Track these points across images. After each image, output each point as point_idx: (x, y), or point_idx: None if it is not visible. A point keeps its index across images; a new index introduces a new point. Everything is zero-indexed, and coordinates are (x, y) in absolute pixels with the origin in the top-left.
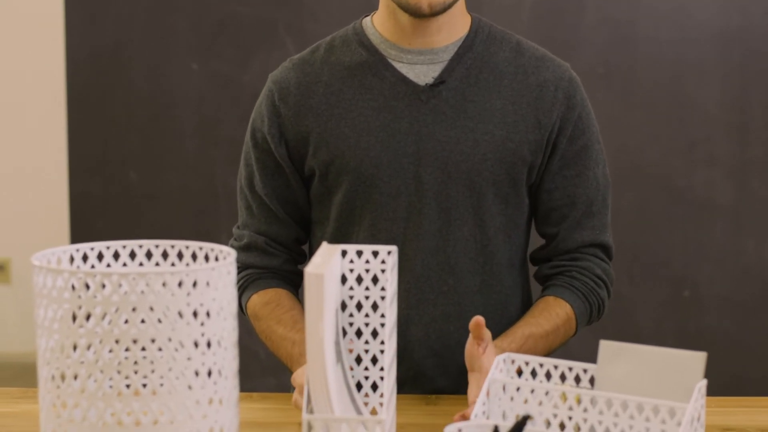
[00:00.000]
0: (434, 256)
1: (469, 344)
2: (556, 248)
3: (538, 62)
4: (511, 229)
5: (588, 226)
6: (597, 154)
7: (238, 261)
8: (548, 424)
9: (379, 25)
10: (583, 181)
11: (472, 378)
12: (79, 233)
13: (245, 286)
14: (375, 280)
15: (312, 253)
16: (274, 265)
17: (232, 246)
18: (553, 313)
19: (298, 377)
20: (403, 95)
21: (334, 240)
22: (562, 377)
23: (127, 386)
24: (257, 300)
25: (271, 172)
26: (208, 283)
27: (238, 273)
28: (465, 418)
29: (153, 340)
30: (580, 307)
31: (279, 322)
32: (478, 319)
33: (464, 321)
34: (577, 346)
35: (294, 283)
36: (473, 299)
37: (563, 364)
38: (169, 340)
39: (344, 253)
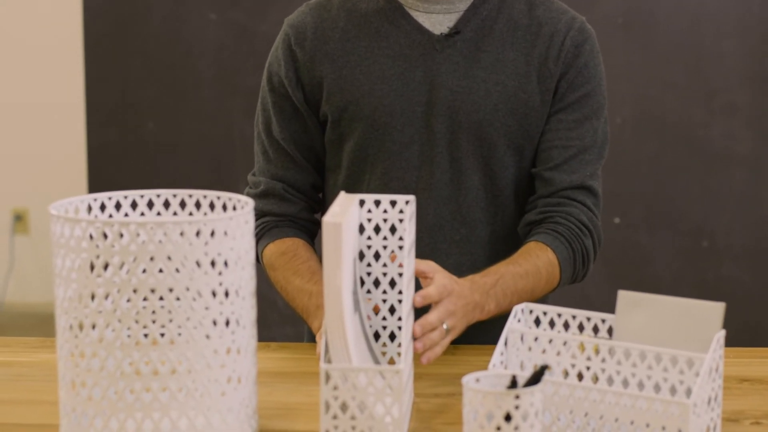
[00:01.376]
0: (446, 205)
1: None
2: (543, 189)
3: (552, 15)
4: (521, 180)
5: (578, 169)
6: (599, 107)
7: (254, 208)
8: (566, 374)
9: None
10: (578, 127)
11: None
12: (97, 183)
13: (261, 235)
14: (393, 229)
15: (326, 201)
16: (292, 213)
17: (248, 194)
18: (533, 254)
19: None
20: (419, 44)
21: (346, 188)
22: (580, 327)
23: (145, 336)
24: (273, 249)
25: (288, 116)
26: (225, 233)
27: (255, 221)
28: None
29: (171, 290)
30: (563, 252)
31: (296, 272)
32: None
33: (476, 271)
34: (595, 295)
35: (310, 232)
36: (485, 249)
37: (581, 314)
38: (187, 289)
39: (362, 202)
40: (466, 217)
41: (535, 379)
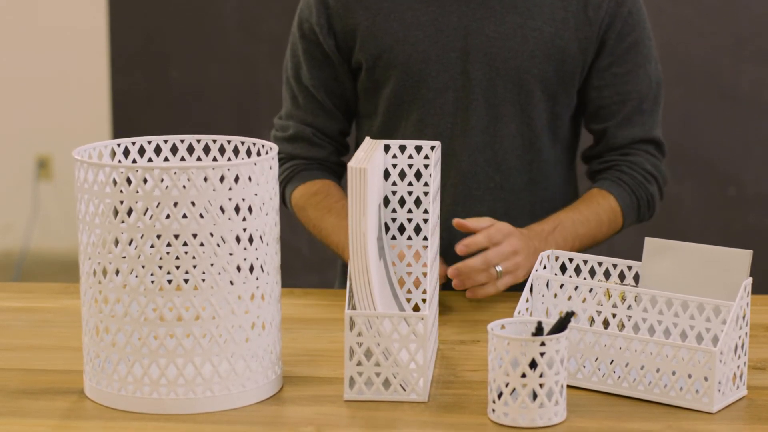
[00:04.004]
0: (481, 152)
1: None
2: (606, 145)
3: None
4: (558, 127)
5: (638, 122)
6: (648, 50)
7: (282, 152)
8: (592, 321)
9: None
10: (633, 78)
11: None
12: (121, 129)
13: (290, 178)
14: (418, 175)
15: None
16: (321, 156)
17: (276, 137)
18: (594, 201)
19: None
20: None
21: (381, 134)
22: (606, 274)
23: (169, 281)
24: (304, 191)
25: (318, 63)
26: (250, 178)
27: (282, 164)
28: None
29: (195, 236)
30: (625, 199)
31: (330, 211)
32: (457, 221)
33: (510, 218)
34: (621, 243)
35: (339, 175)
36: (519, 196)
37: (607, 260)
38: (211, 235)
39: (387, 147)
40: (501, 165)
41: (561, 326)
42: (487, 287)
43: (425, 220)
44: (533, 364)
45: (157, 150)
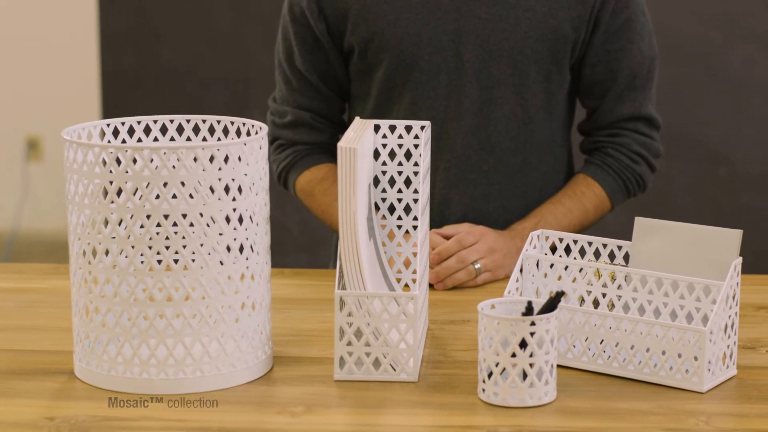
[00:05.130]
0: (475, 134)
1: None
2: (597, 121)
3: None
4: (552, 106)
5: (629, 99)
6: (642, 26)
7: (283, 138)
8: (582, 300)
9: None
10: (626, 54)
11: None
12: (111, 110)
13: (293, 164)
14: (408, 155)
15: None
16: (323, 141)
17: (274, 123)
18: (578, 191)
19: None
20: None
21: (375, 117)
22: (596, 254)
23: (159, 262)
24: (310, 177)
25: (309, 47)
26: (239, 158)
27: (283, 150)
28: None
29: (184, 216)
30: (611, 184)
31: None
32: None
33: (504, 201)
34: (611, 223)
35: None
36: (513, 178)
37: (597, 240)
38: (201, 215)
39: (377, 127)
40: (495, 147)
41: (551, 305)
42: (459, 274)
43: (415, 200)
44: (523, 344)
45: (147, 130)
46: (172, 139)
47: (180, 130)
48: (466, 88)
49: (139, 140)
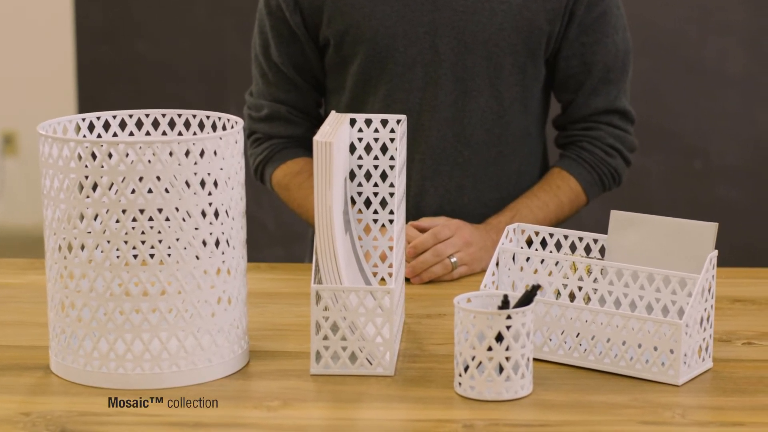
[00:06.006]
0: (450, 127)
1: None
2: (571, 115)
3: None
4: (527, 100)
5: (604, 92)
6: (616, 20)
7: (259, 132)
8: (558, 294)
9: None
10: (601, 48)
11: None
12: (87, 104)
13: (269, 157)
14: (384, 149)
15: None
16: (299, 134)
17: (251, 117)
18: (553, 184)
19: None
20: None
21: (349, 110)
22: (573, 247)
23: (135, 256)
24: (286, 170)
25: (286, 40)
26: (215, 152)
27: (260, 144)
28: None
29: (160, 210)
30: (586, 177)
31: None
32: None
33: (478, 193)
34: (587, 216)
35: None
36: (488, 170)
37: (573, 234)
38: (177, 209)
39: (353, 121)
40: (469, 139)
41: (527, 299)
42: (435, 268)
43: (391, 194)
44: (499, 338)
45: (122, 125)
46: (148, 133)
47: (155, 124)
48: (442, 81)
49: (115, 135)
